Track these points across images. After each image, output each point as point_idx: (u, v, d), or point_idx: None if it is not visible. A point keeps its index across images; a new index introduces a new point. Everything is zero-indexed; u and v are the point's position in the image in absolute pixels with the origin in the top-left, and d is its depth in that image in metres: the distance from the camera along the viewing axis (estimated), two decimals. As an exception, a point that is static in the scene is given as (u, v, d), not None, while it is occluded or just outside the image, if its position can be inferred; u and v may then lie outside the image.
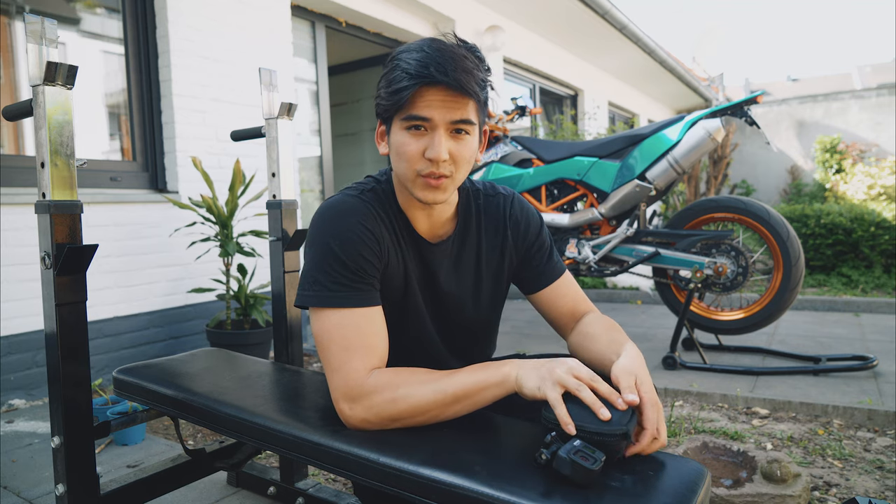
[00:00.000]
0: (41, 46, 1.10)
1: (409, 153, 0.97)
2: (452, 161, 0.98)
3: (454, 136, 0.98)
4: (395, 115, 0.98)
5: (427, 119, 0.95)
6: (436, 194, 1.00)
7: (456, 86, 0.93)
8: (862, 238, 5.19)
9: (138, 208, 2.95)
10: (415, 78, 0.93)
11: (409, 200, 1.07)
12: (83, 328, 1.18)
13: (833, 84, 26.61)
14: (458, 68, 0.93)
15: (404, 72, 0.94)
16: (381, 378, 0.93)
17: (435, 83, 0.93)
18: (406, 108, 0.95)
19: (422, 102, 0.94)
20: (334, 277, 0.97)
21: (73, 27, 2.96)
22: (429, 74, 0.92)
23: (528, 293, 1.20)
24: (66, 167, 1.13)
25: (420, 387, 0.91)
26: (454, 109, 0.95)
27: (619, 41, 7.02)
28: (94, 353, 2.72)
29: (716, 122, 2.80)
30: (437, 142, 0.95)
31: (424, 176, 0.98)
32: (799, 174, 9.82)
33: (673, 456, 0.87)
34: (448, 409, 0.91)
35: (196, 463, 1.46)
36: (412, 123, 0.96)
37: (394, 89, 0.95)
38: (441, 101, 0.94)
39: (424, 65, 0.93)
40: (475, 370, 0.92)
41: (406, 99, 0.94)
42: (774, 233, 2.78)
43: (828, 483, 1.69)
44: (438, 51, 0.94)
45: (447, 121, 0.96)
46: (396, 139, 0.99)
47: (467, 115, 0.97)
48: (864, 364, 2.65)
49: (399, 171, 1.01)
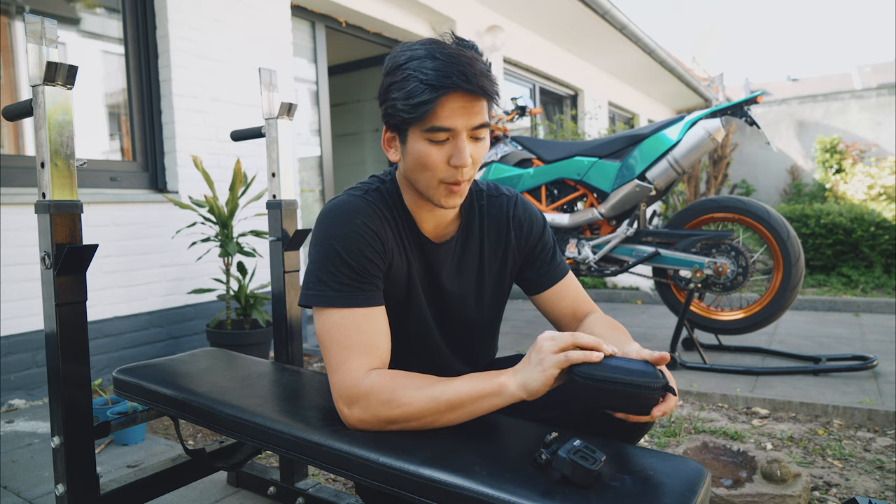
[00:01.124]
0: (41, 46, 1.10)
1: (434, 163, 0.97)
2: (472, 164, 0.99)
3: (473, 141, 0.98)
4: (413, 125, 0.96)
5: (450, 129, 0.95)
6: (456, 199, 1.01)
7: (480, 92, 0.93)
8: (862, 238, 5.19)
9: (138, 208, 2.95)
10: (438, 89, 0.92)
11: (418, 202, 1.07)
12: (83, 328, 1.18)
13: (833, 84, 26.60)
14: (476, 73, 0.93)
15: (423, 83, 0.92)
16: (378, 380, 0.92)
17: (457, 91, 0.92)
18: (428, 119, 0.94)
19: (444, 113, 0.93)
20: (338, 277, 0.97)
21: (73, 27, 2.96)
22: (453, 84, 0.91)
23: (531, 294, 1.20)
24: (66, 167, 1.13)
25: (415, 392, 0.91)
26: (474, 115, 0.95)
27: (619, 41, 7.02)
28: (94, 353, 2.72)
29: (716, 122, 2.80)
30: (462, 149, 0.96)
31: (448, 184, 0.98)
32: (799, 174, 9.82)
33: (673, 456, 0.87)
34: (443, 417, 0.91)
35: (196, 463, 1.46)
36: (436, 136, 0.95)
37: (416, 102, 0.93)
38: (462, 108, 0.94)
39: (446, 74, 0.92)
40: (471, 379, 0.91)
41: (429, 111, 0.93)
42: (774, 233, 2.78)
43: (828, 483, 1.69)
44: (451, 56, 0.93)
45: (469, 127, 0.96)
46: (416, 149, 0.97)
47: (485, 119, 0.97)
48: (864, 364, 2.65)
49: (418, 179, 1.01)
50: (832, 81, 28.11)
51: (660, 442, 1.99)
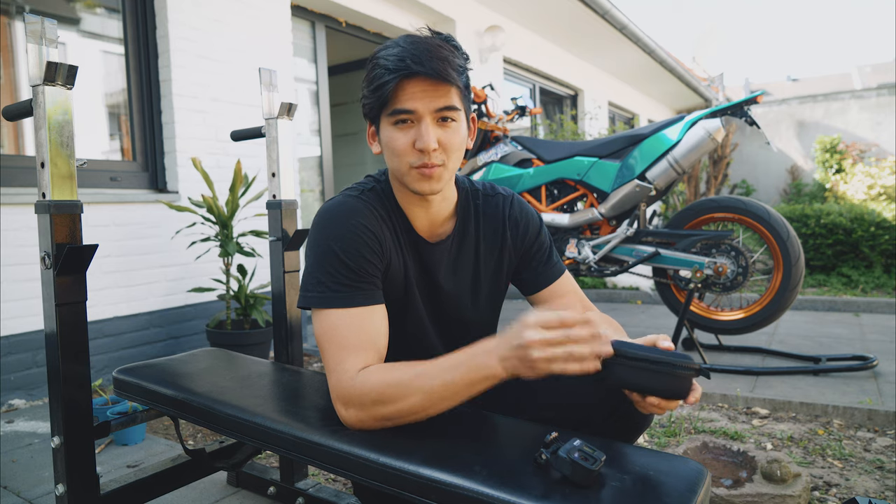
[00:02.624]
0: (41, 46, 1.10)
1: (399, 147, 0.99)
2: (443, 149, 1.00)
3: (441, 125, 0.99)
4: (380, 112, 1.01)
5: (411, 111, 0.97)
6: (431, 184, 1.01)
7: (434, 74, 0.95)
8: (862, 238, 5.19)
9: (138, 208, 2.95)
10: (393, 72, 0.95)
11: (407, 197, 1.08)
12: (83, 328, 1.18)
13: (833, 84, 26.59)
14: (433, 57, 0.95)
15: (383, 68, 0.97)
16: (369, 377, 0.92)
17: (413, 75, 0.95)
18: (390, 103, 0.98)
19: (404, 95, 0.97)
20: (336, 278, 0.97)
21: (73, 27, 2.96)
22: (406, 66, 0.95)
23: (527, 294, 1.20)
24: (66, 167, 1.13)
25: (407, 385, 0.89)
26: (437, 98, 0.97)
27: (619, 41, 7.02)
28: (94, 353, 2.72)
29: (716, 122, 2.80)
30: (425, 131, 0.97)
31: (417, 168, 1.00)
32: (799, 174, 9.82)
33: (673, 456, 0.87)
34: (436, 406, 0.90)
35: (196, 463, 1.46)
36: (398, 118, 0.98)
37: (375, 86, 0.98)
38: (423, 91, 0.97)
39: (401, 58, 0.95)
40: (458, 366, 0.88)
41: (389, 94, 0.97)
42: (774, 233, 2.78)
43: (828, 483, 1.69)
44: (413, 44, 0.97)
45: (431, 110, 0.98)
46: (385, 135, 1.01)
47: (451, 102, 0.99)
48: (864, 364, 2.65)
49: (393, 166, 1.03)
50: (832, 81, 28.10)
51: (660, 442, 1.99)
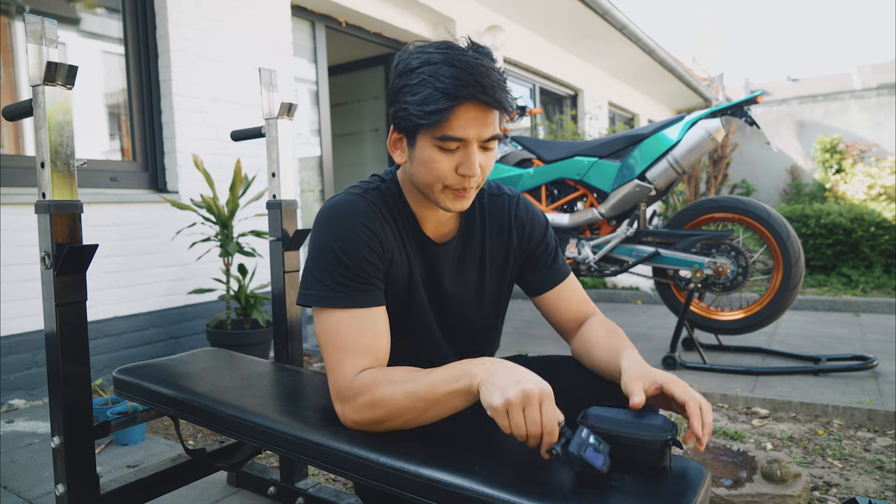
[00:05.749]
0: (41, 46, 1.10)
1: (442, 170, 0.96)
2: (481, 172, 0.98)
3: (483, 150, 0.98)
4: (423, 130, 0.95)
5: (462, 139, 0.94)
6: (463, 203, 1.01)
7: (496, 105, 0.92)
8: (862, 238, 5.19)
9: (138, 208, 2.95)
10: (454, 98, 0.90)
11: (422, 202, 1.07)
12: (83, 328, 1.18)
13: (833, 84, 26.59)
14: (494, 85, 0.92)
15: (438, 90, 0.91)
16: (364, 380, 0.92)
17: (473, 101, 0.91)
18: (441, 127, 0.93)
19: (457, 122, 0.92)
20: (335, 277, 0.97)
21: (73, 27, 2.96)
22: (470, 94, 0.90)
23: (532, 295, 1.20)
24: (66, 167, 1.13)
25: (395, 391, 0.89)
26: (486, 126, 0.95)
27: (619, 41, 7.02)
28: (94, 353, 2.72)
29: (716, 122, 2.80)
30: (472, 160, 0.95)
31: (455, 189, 0.99)
32: (799, 174, 9.82)
33: (673, 456, 0.87)
34: (423, 416, 0.89)
35: (196, 463, 1.46)
36: (446, 144, 0.94)
37: (431, 109, 0.91)
38: (476, 119, 0.93)
39: (463, 84, 0.90)
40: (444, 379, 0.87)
41: (442, 120, 0.92)
42: (774, 233, 2.78)
43: (828, 483, 1.69)
44: (469, 65, 0.91)
45: (480, 139, 0.95)
46: (425, 154, 0.97)
47: (497, 130, 0.97)
48: (864, 364, 2.65)
49: (423, 181, 1.00)
50: (832, 81, 28.10)
51: (660, 442, 1.99)
